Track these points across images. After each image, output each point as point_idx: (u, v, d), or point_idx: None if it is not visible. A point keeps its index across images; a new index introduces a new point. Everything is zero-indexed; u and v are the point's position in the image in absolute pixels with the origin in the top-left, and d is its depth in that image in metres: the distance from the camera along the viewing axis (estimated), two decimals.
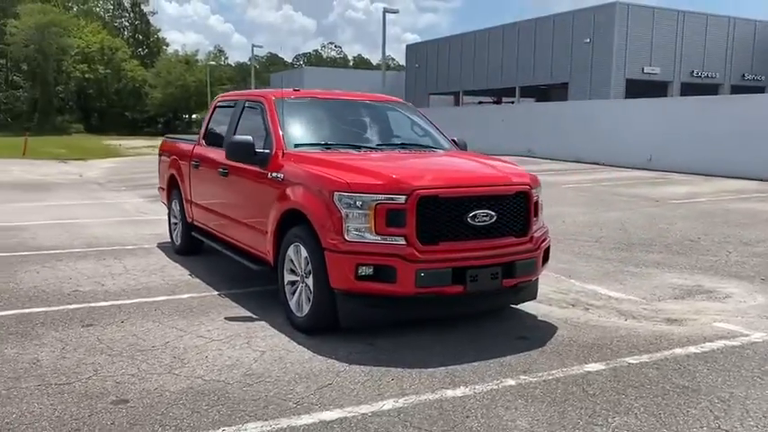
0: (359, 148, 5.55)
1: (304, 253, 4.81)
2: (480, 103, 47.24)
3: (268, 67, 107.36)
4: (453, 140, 6.41)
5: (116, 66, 78.98)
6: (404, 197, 4.44)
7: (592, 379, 4.13)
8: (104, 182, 19.03)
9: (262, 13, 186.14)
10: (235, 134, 6.02)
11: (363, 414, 3.55)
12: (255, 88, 67.06)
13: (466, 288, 4.59)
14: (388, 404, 3.68)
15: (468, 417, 3.54)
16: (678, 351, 4.71)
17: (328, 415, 3.52)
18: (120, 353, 4.43)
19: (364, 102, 6.52)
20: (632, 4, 35.69)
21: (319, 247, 4.61)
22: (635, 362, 4.47)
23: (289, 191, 5.01)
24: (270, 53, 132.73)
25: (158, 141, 8.73)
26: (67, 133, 68.00)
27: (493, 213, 4.70)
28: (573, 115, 25.83)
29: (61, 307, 5.54)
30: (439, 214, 4.54)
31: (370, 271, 4.46)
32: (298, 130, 5.69)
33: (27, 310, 5.42)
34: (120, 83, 79.51)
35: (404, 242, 4.45)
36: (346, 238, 4.48)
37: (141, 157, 33.19)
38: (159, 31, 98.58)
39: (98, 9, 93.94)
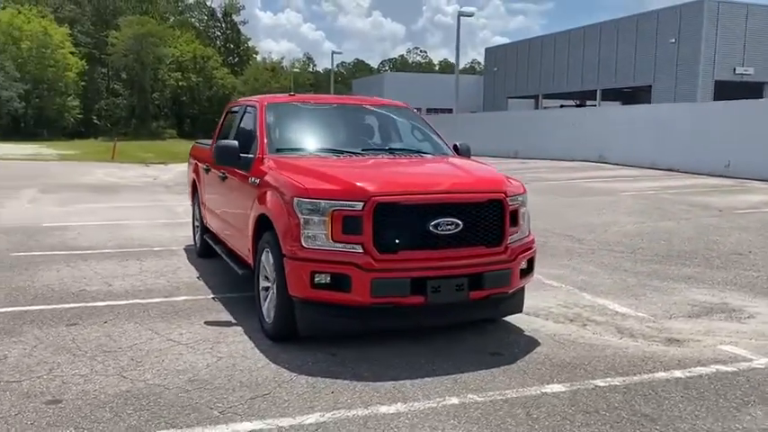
0: (342, 153, 5.45)
1: (271, 259, 4.78)
2: (562, 106, 45.94)
3: (354, 74, 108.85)
4: (455, 146, 6.21)
5: (208, 74, 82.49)
6: (361, 204, 4.31)
7: (544, 401, 3.86)
8: (172, 185, 19.78)
9: (351, 20, 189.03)
10: (228, 139, 6.09)
11: (281, 427, 3.46)
12: (335, 94, 68.29)
13: (427, 299, 4.41)
14: (312, 418, 3.57)
15: None
16: (660, 375, 4.34)
17: (244, 426, 3.45)
18: (84, 353, 4.55)
19: (361, 106, 6.43)
20: (723, 0, 33.67)
21: (281, 253, 4.56)
22: (603, 384, 4.14)
23: (261, 196, 4.99)
24: (356, 59, 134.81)
25: None
26: (162, 138, 71.56)
27: (459, 222, 4.49)
28: (647, 119, 24.61)
29: (58, 306, 5.76)
30: (398, 222, 4.39)
31: (326, 279, 4.37)
32: (282, 135, 5.68)
33: (25, 308, 5.67)
34: (211, 90, 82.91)
35: (361, 250, 4.32)
36: (304, 244, 4.41)
37: None
38: (249, 39, 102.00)
39: (193, 19, 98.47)
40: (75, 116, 75.27)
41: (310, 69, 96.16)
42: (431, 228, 4.41)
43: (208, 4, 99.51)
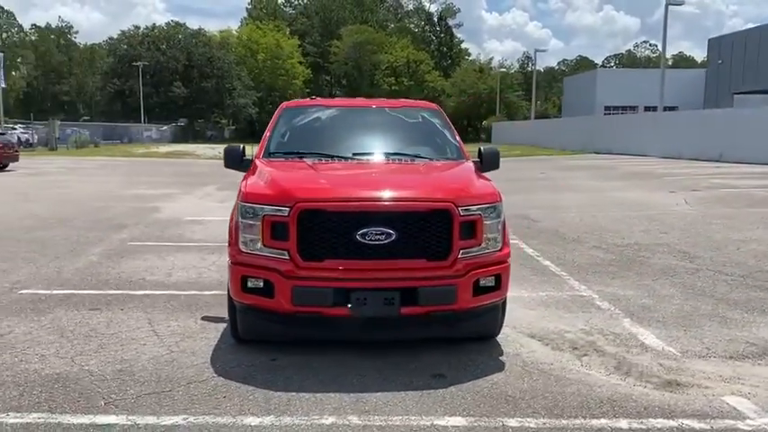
0: (331, 157, 5.36)
1: None
2: None
3: (576, 71, 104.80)
4: (479, 151, 5.78)
5: (419, 77, 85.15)
6: (287, 209, 4.23)
7: None
8: None
9: (581, 15, 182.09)
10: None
11: (137, 424, 3.55)
12: (537, 95, 66.13)
13: (351, 311, 4.19)
14: (174, 419, 3.61)
15: None
16: (606, 422, 3.66)
17: (106, 419, 3.60)
18: (68, 336, 5.05)
19: (379, 109, 6.25)
20: None
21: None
22: (516, 425, 3.60)
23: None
24: (579, 56, 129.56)
25: None
26: None
27: (391, 232, 4.19)
28: None
29: (103, 291, 6.45)
30: (324, 229, 4.22)
31: (257, 284, 4.35)
32: (281, 139, 5.74)
33: (76, 291, 6.43)
34: (422, 93, 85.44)
35: (286, 257, 4.24)
36: (241, 248, 4.44)
37: None
38: (462, 42, 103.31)
39: (411, 25, 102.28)
40: None
41: (529, 68, 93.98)
42: (358, 237, 4.18)
43: (425, 8, 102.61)
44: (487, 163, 5.83)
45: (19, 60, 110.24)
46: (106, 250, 8.62)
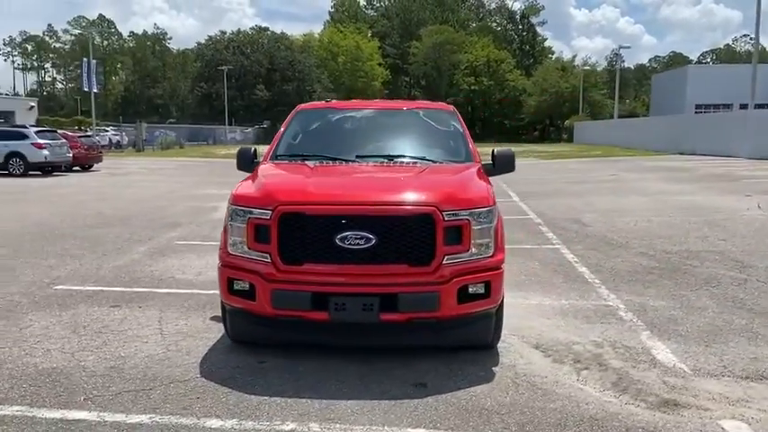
0: (334, 160, 5.33)
1: None
2: None
3: (668, 68, 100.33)
4: (493, 153, 5.62)
5: (500, 77, 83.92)
6: (269, 212, 4.24)
7: None
8: None
9: (676, 9, 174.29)
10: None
11: (105, 421, 3.64)
12: (626, 93, 63.37)
13: (330, 316, 4.15)
14: (141, 418, 3.69)
15: None
16: None
17: (78, 414, 3.72)
18: (80, 332, 5.26)
19: (392, 111, 6.17)
20: None
21: None
22: None
23: None
24: (672, 52, 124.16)
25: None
26: None
27: (371, 236, 4.11)
28: None
29: (129, 288, 6.69)
30: (304, 232, 4.20)
31: (243, 286, 4.38)
32: (292, 141, 5.76)
33: (108, 288, 6.70)
34: (502, 92, 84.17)
35: (268, 260, 4.25)
36: (229, 250, 4.49)
37: None
38: (545, 40, 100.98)
39: (493, 24, 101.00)
40: None
41: (616, 65, 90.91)
42: (338, 241, 4.13)
43: (508, 7, 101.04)
44: (500, 165, 5.66)
45: (119, 66, 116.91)
46: (151, 248, 8.96)
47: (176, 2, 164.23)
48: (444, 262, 4.20)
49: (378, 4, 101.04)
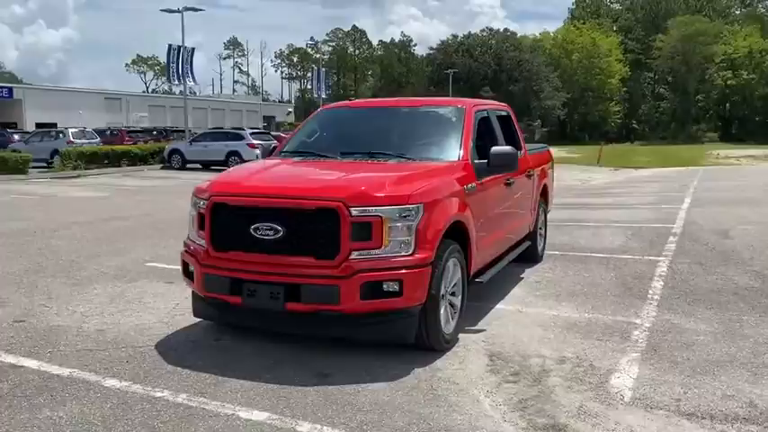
0: (321, 156, 5.54)
1: None
2: None
3: None
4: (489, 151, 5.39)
5: (765, 69, 73.83)
6: (205, 202, 4.64)
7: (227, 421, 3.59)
8: (583, 189, 19.75)
9: None
10: None
11: (39, 369, 4.34)
12: None
13: (243, 301, 4.42)
14: (67, 371, 4.31)
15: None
16: None
17: (27, 362, 4.49)
18: (115, 300, 6.14)
19: (398, 109, 6.25)
20: None
21: None
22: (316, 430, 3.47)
23: None
24: None
25: None
26: (699, 142, 68.06)
27: (280, 228, 4.29)
28: None
29: None
30: (228, 222, 4.52)
31: (191, 269, 4.83)
32: (301, 139, 6.07)
33: None
34: (767, 87, 73.99)
35: (204, 245, 4.65)
36: (189, 235, 4.98)
37: (721, 167, 31.55)
38: None
39: (761, 10, 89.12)
40: (615, 121, 78.30)
41: None
42: (252, 230, 4.37)
43: None
44: (495, 164, 5.39)
45: (369, 73, 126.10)
46: None
47: (429, 9, 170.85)
48: (352, 257, 4.20)
49: None
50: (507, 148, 5.46)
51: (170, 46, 31.97)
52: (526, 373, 4.37)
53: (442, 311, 4.66)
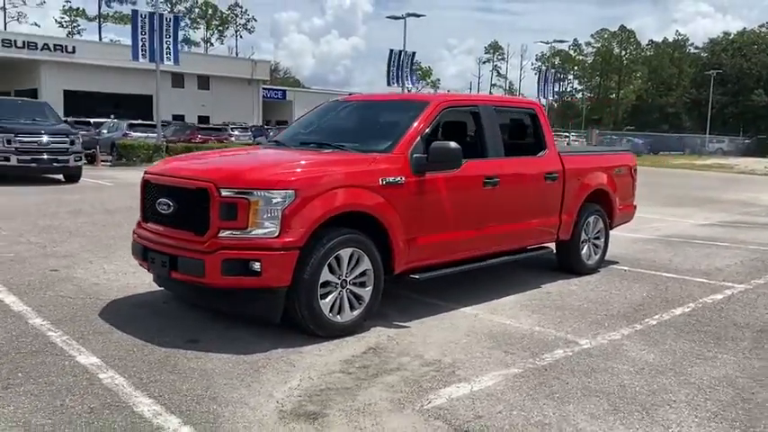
0: (285, 146, 5.94)
1: None
2: None
3: None
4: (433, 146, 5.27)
5: None
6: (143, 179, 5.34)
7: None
8: (762, 207, 16.69)
9: None
10: None
11: (14, 306, 5.39)
12: None
13: (148, 266, 5.03)
14: (39, 322, 5.17)
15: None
16: None
17: (8, 298, 5.57)
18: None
19: (372, 103, 6.50)
20: None
21: None
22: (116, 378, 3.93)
23: None
24: None
25: None
26: None
27: (170, 204, 4.81)
28: None
29: None
30: (148, 197, 5.17)
31: None
32: (291, 130, 6.49)
33: None
34: None
35: (140, 217, 5.37)
36: None
37: None
38: None
39: None
40: None
41: None
42: (156, 205, 4.95)
43: None
44: (435, 159, 5.24)
45: (638, 75, 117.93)
46: None
47: (722, 3, 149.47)
48: (221, 235, 4.53)
49: None
50: (448, 144, 5.22)
51: (391, 51, 33.88)
52: (377, 367, 4.26)
53: (329, 298, 4.73)
